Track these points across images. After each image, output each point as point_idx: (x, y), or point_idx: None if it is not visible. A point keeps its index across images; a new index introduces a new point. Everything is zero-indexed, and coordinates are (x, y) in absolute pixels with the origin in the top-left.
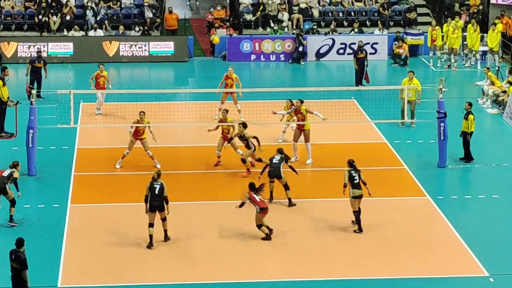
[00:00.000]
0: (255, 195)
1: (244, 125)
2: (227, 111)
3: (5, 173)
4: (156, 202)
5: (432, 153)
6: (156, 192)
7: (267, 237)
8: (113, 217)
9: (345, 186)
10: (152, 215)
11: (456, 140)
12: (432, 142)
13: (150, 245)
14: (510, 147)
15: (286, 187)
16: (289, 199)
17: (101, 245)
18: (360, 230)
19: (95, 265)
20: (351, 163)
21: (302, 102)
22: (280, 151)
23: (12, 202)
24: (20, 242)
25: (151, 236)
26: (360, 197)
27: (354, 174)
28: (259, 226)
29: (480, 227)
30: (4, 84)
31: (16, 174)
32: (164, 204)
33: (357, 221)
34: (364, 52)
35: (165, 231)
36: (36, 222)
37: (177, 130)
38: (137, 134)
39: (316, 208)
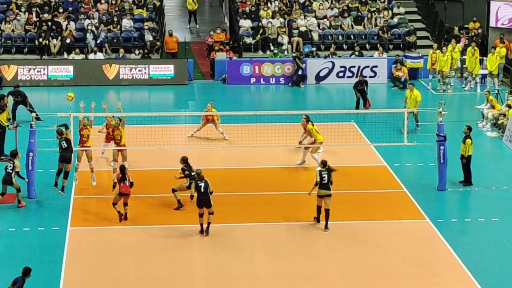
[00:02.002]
0: (121, 180)
1: (14, 155)
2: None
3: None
4: (204, 197)
5: (432, 176)
6: (202, 190)
7: (120, 216)
8: (112, 240)
9: (316, 184)
10: (200, 209)
11: (456, 163)
12: (431, 165)
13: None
14: (509, 170)
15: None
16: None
17: (100, 268)
18: (317, 220)
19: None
20: (324, 164)
21: (308, 120)
22: (184, 160)
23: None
24: (26, 271)
25: (202, 224)
26: (326, 196)
27: (324, 175)
28: (113, 204)
29: (480, 251)
30: (2, 111)
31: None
32: (210, 199)
33: (317, 213)
34: (364, 84)
35: (209, 223)
36: (36, 244)
37: (177, 153)
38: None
39: (315, 230)
